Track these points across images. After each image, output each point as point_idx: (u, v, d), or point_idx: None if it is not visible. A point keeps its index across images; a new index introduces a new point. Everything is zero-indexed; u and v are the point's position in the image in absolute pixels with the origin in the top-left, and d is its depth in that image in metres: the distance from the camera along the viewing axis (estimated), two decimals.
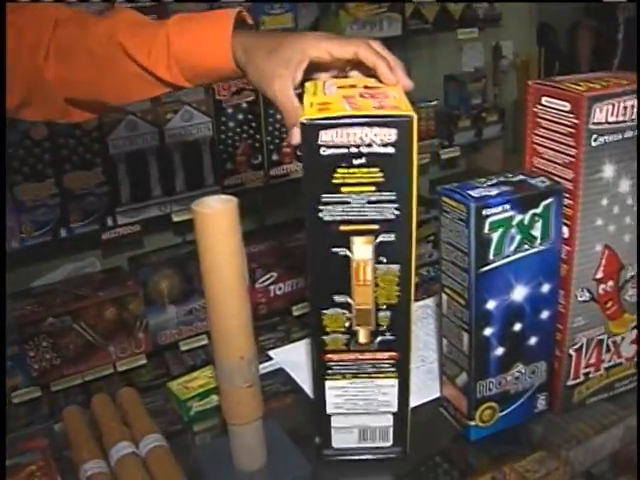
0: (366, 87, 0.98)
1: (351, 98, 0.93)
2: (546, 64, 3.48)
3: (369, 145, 0.87)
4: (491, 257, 0.98)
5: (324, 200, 0.90)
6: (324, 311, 0.97)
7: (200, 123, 2.51)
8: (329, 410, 1.04)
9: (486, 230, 0.96)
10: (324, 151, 0.87)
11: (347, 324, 0.98)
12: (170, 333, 2.61)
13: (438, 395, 1.16)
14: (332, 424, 1.05)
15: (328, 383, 1.02)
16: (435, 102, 3.15)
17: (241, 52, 1.04)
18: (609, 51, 3.63)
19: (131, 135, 2.41)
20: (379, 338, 0.98)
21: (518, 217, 0.97)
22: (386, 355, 0.99)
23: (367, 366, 1.00)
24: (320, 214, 0.91)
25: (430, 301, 1.48)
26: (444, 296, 1.06)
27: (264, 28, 2.55)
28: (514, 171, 1.05)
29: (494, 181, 1.01)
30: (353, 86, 0.99)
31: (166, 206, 2.49)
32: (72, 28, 1.14)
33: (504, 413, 1.08)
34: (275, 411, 1.19)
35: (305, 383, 1.23)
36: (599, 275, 1.06)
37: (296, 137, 0.93)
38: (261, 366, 1.29)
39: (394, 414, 1.03)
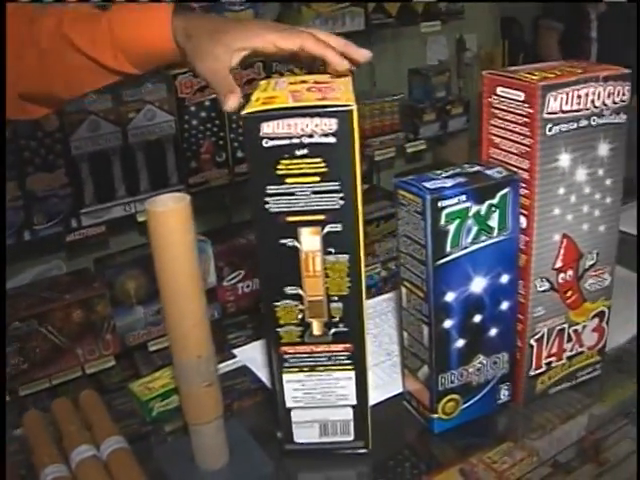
0: (316, 82, 0.98)
1: (298, 92, 0.93)
2: (510, 56, 3.50)
3: (310, 136, 0.87)
4: (448, 249, 0.97)
5: (269, 192, 0.90)
6: (276, 303, 0.97)
7: (163, 122, 2.50)
8: (288, 404, 1.04)
9: (442, 222, 0.95)
10: (266, 143, 0.88)
11: (300, 316, 0.97)
12: (138, 334, 2.59)
13: None
14: (292, 418, 1.05)
15: (285, 376, 1.02)
16: (400, 96, 3.15)
17: (181, 32, 1.04)
18: (579, 50, 3.54)
19: (93, 135, 2.39)
20: (333, 330, 0.98)
21: (474, 208, 0.97)
22: (341, 347, 0.99)
23: (323, 358, 1.00)
24: (266, 206, 0.91)
25: (395, 294, 1.47)
26: (403, 289, 1.05)
27: None
28: (471, 162, 1.05)
29: (450, 173, 1.00)
30: (304, 82, 0.98)
31: (131, 206, 2.47)
32: (20, 22, 1.12)
33: (467, 405, 1.08)
34: (240, 409, 1.19)
35: (269, 380, 1.22)
36: (558, 264, 1.06)
37: (230, 103, 0.96)
38: (224, 364, 1.29)
39: (353, 407, 1.02)
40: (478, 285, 1.01)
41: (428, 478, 1.03)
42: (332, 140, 0.87)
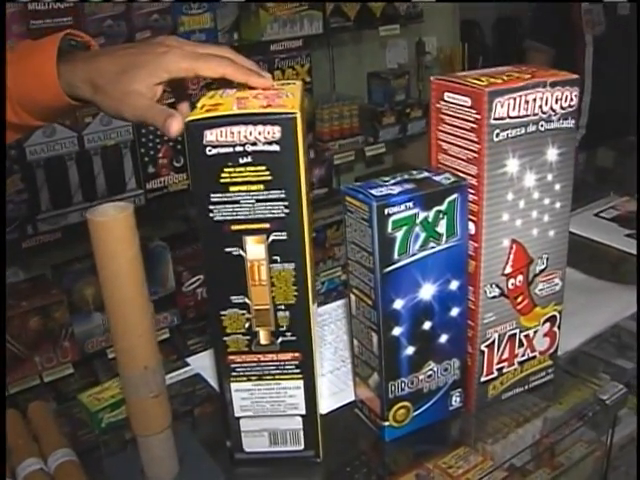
0: (264, 89, 0.97)
1: (244, 99, 0.92)
2: (470, 59, 3.52)
3: (254, 144, 0.86)
4: (396, 256, 0.96)
5: (213, 200, 0.89)
6: (223, 312, 0.96)
7: (120, 127, 2.47)
8: (237, 413, 1.03)
9: (389, 229, 0.95)
10: (210, 151, 0.87)
11: (247, 325, 0.96)
12: (97, 341, 2.57)
13: None
14: (241, 427, 1.04)
15: (233, 385, 1.01)
16: (359, 99, 3.15)
17: (82, 83, 0.97)
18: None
19: (49, 141, 2.36)
20: (280, 339, 0.97)
21: (422, 215, 0.96)
22: (289, 356, 0.98)
23: (271, 367, 0.99)
24: (210, 214, 0.90)
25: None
26: (352, 297, 1.05)
27: (183, 29, 2.53)
28: (419, 168, 1.04)
29: (398, 179, 1.00)
30: (252, 89, 0.97)
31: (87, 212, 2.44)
32: None
33: (418, 412, 1.08)
34: (193, 418, 1.18)
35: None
36: (508, 270, 1.06)
37: (174, 128, 0.92)
38: (176, 373, 1.27)
39: (303, 417, 1.02)
40: (427, 292, 1.01)
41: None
42: (276, 148, 0.86)
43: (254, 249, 0.92)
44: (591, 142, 2.87)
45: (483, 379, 1.10)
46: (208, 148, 0.87)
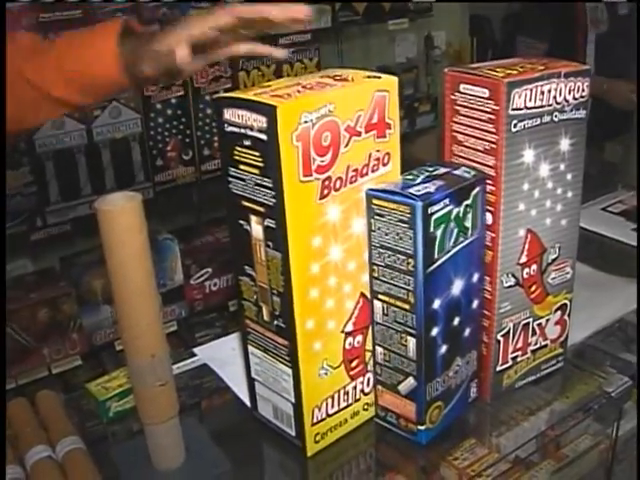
0: (335, 77, 0.98)
1: (304, 86, 0.93)
2: (479, 54, 3.51)
3: (251, 129, 0.89)
4: (436, 255, 0.95)
5: (230, 173, 0.94)
6: (240, 277, 1.00)
7: (129, 120, 2.47)
8: (252, 374, 1.07)
9: (431, 229, 0.93)
10: (227, 128, 0.92)
11: (255, 297, 0.99)
12: (105, 333, 2.56)
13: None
14: (256, 389, 1.07)
15: (249, 348, 1.05)
16: None
17: (128, 55, 1.07)
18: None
19: (58, 133, 2.35)
20: (275, 322, 0.98)
21: (455, 210, 0.96)
22: (280, 341, 0.99)
23: (270, 345, 1.01)
24: (229, 185, 0.95)
25: None
26: (377, 303, 1.02)
27: None
28: (432, 164, 1.04)
29: (422, 177, 0.99)
30: (327, 76, 0.99)
31: None
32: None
33: (447, 409, 1.07)
34: (200, 409, 1.19)
35: (229, 379, 1.22)
36: (523, 259, 1.06)
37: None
38: (183, 363, 1.28)
39: (294, 405, 1.02)
40: (457, 288, 1.00)
41: (388, 477, 1.03)
42: (263, 137, 0.88)
43: (256, 228, 0.94)
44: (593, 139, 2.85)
45: (499, 368, 1.11)
46: (226, 125, 0.92)
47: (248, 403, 1.12)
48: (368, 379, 1.08)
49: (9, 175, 2.30)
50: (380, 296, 1.01)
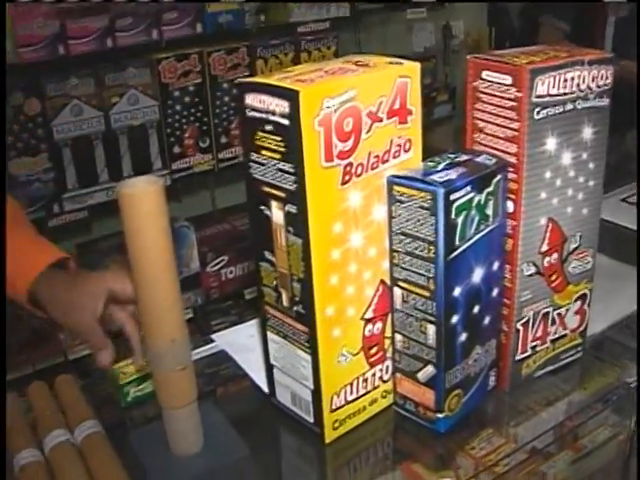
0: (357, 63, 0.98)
1: (327, 71, 0.93)
2: (497, 43, 3.49)
3: (273, 114, 0.88)
4: (457, 242, 0.95)
5: (252, 158, 0.94)
6: (260, 263, 1.00)
7: (146, 107, 2.48)
8: (271, 360, 1.07)
9: (453, 215, 0.92)
10: (249, 112, 0.91)
11: (275, 283, 0.99)
12: None
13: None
14: (274, 376, 1.07)
15: (268, 334, 1.05)
16: None
17: (45, 288, 1.06)
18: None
19: (76, 120, 2.36)
20: (295, 308, 0.98)
21: (477, 198, 0.95)
22: (300, 327, 0.99)
23: (290, 332, 1.01)
24: (250, 170, 0.95)
25: None
26: (397, 290, 1.02)
27: (210, 10, 2.51)
28: (454, 151, 1.03)
29: (444, 163, 0.98)
30: (350, 62, 0.98)
31: (113, 191, 2.45)
32: None
33: (466, 398, 1.07)
34: (218, 396, 1.19)
35: (247, 365, 1.22)
36: (544, 248, 1.06)
37: (103, 360, 1.06)
38: (201, 349, 1.28)
39: (312, 392, 1.02)
40: (477, 275, 1.00)
41: (404, 465, 1.03)
42: (286, 122, 0.87)
43: (277, 214, 0.94)
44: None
45: (518, 357, 1.11)
46: (247, 110, 0.91)
47: (266, 390, 1.12)
48: (387, 366, 1.07)
49: (27, 162, 2.31)
50: (400, 283, 1.01)
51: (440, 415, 1.04)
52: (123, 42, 2.34)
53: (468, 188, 0.94)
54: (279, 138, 0.89)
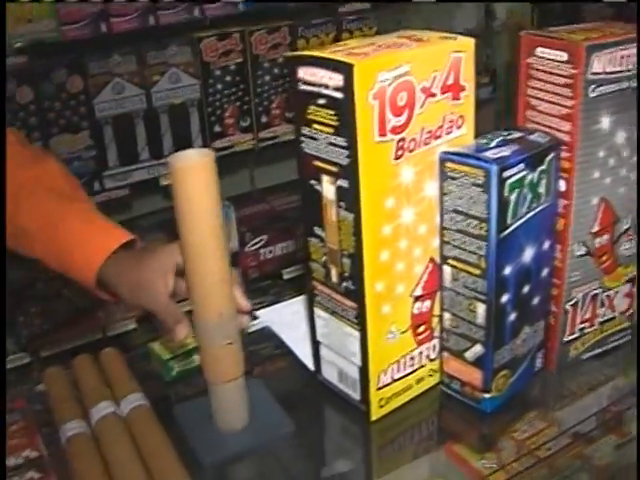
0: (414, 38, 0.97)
1: (380, 45, 0.92)
2: (539, 26, 3.45)
3: (326, 87, 0.87)
4: (509, 220, 0.94)
5: (303, 132, 0.94)
6: (309, 239, 1.00)
7: (188, 85, 2.47)
8: (318, 337, 1.06)
9: (506, 193, 0.92)
10: (300, 86, 0.91)
11: (324, 259, 0.98)
12: None
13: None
14: (320, 353, 1.07)
15: (315, 310, 1.05)
16: None
17: (113, 271, 1.05)
18: None
19: (117, 98, 2.37)
20: (344, 284, 0.97)
21: (529, 176, 0.94)
22: (349, 303, 0.98)
23: (338, 308, 1.00)
24: (301, 145, 0.94)
25: None
26: (447, 268, 1.01)
27: None
28: (508, 129, 1.02)
29: (497, 141, 0.97)
30: (403, 37, 0.97)
31: (154, 169, 2.46)
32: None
33: (514, 378, 1.06)
34: (261, 372, 1.19)
35: (291, 342, 1.22)
36: (595, 229, 1.05)
37: (180, 334, 1.00)
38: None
39: (360, 369, 1.01)
40: (528, 255, 0.99)
41: (447, 446, 1.03)
42: (340, 95, 0.87)
43: (328, 188, 0.93)
44: None
45: (566, 339, 1.10)
46: (299, 83, 0.91)
47: (311, 366, 1.12)
48: (434, 345, 1.07)
49: (69, 139, 2.32)
50: (450, 261, 1.00)
51: (487, 395, 1.03)
52: (165, 20, 2.33)
53: (521, 166, 0.92)
54: (332, 112, 0.88)
